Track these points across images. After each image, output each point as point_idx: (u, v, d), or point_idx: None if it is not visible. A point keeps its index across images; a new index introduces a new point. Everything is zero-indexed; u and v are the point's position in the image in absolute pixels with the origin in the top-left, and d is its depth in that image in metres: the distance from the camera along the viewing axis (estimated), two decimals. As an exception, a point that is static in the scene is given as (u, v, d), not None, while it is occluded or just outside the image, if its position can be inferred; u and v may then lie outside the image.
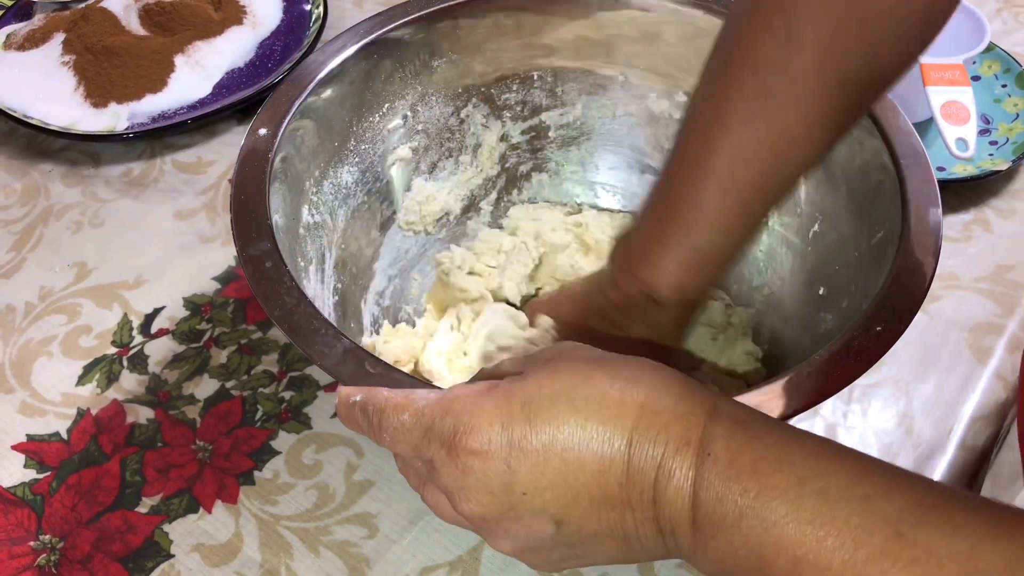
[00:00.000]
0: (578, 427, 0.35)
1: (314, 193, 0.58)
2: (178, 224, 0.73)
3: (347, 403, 0.40)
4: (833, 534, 0.31)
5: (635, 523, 0.35)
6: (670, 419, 0.35)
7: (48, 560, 0.54)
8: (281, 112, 0.55)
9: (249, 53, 0.85)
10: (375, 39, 0.60)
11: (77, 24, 0.83)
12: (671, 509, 0.34)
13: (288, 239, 0.53)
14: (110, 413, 0.61)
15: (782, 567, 0.32)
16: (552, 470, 0.35)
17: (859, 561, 0.30)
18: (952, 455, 0.59)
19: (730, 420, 0.35)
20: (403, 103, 0.63)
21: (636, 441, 0.35)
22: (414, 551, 0.54)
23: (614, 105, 0.67)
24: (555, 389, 0.36)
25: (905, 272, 0.47)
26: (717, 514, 0.33)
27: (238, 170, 0.52)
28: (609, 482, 0.35)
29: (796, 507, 0.32)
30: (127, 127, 0.78)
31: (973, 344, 0.64)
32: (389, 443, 0.39)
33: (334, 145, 0.59)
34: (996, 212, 0.72)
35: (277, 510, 0.56)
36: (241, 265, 0.48)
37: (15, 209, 0.74)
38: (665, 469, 0.34)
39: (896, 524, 0.30)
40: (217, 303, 0.67)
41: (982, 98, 0.78)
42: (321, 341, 0.44)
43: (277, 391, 0.62)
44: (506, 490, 0.36)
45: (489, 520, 0.37)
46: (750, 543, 0.32)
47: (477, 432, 0.36)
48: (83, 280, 0.69)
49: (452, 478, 0.37)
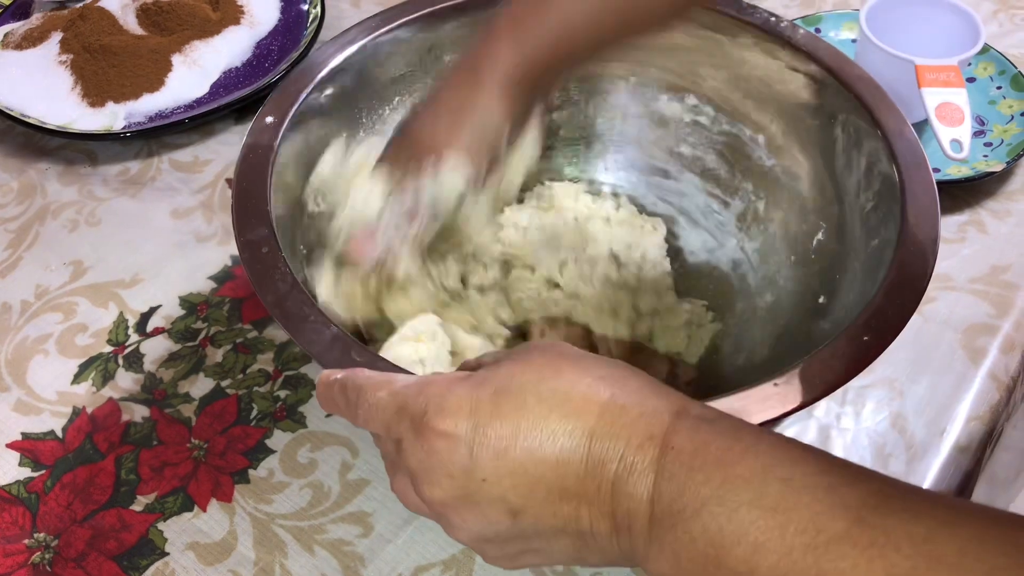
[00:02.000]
0: (541, 418, 0.36)
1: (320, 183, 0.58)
2: (175, 223, 0.73)
3: (327, 383, 0.41)
4: (795, 520, 0.31)
5: (590, 518, 0.36)
6: (635, 417, 0.35)
7: (43, 558, 0.54)
8: (289, 102, 0.55)
9: (246, 53, 0.85)
10: (385, 32, 0.60)
11: (75, 23, 0.83)
12: (629, 504, 0.35)
13: (290, 227, 0.53)
14: (105, 411, 0.61)
15: (740, 556, 0.32)
16: (512, 459, 0.36)
17: (820, 544, 0.30)
18: (945, 456, 0.59)
19: (697, 419, 0.35)
20: (413, 97, 0.63)
21: (598, 435, 0.35)
22: (408, 550, 0.54)
23: (624, 107, 0.67)
24: (524, 379, 0.37)
25: (899, 281, 0.47)
26: (677, 504, 0.33)
27: (242, 157, 0.52)
28: (567, 474, 0.35)
29: (760, 494, 0.32)
30: (124, 126, 0.78)
31: (967, 345, 0.64)
32: (363, 420, 0.40)
33: (342, 136, 0.60)
34: (991, 213, 0.73)
35: (272, 509, 0.56)
36: (238, 249, 0.48)
37: (11, 207, 0.74)
38: (626, 462, 0.35)
39: (858, 511, 0.31)
40: (213, 302, 0.67)
41: (977, 100, 0.78)
42: (310, 328, 0.45)
43: (272, 390, 0.62)
44: (466, 475, 0.36)
45: (447, 505, 0.37)
46: (709, 532, 0.32)
47: (445, 414, 0.36)
48: (79, 279, 0.69)
49: (416, 459, 0.37)
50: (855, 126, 0.56)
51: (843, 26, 0.85)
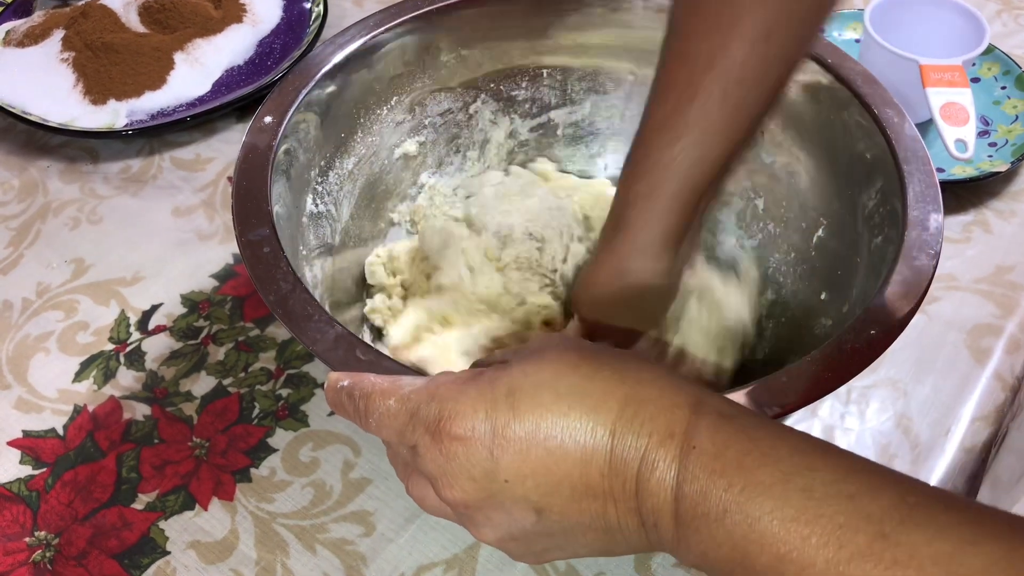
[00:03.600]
0: (561, 416, 0.35)
1: (319, 183, 0.58)
2: (176, 221, 0.73)
3: (335, 388, 0.40)
4: (817, 532, 0.31)
5: (617, 514, 0.35)
6: (655, 411, 0.35)
7: (43, 556, 0.54)
8: (287, 102, 0.55)
9: (249, 51, 0.85)
10: (383, 32, 0.60)
11: (76, 21, 0.83)
12: (654, 501, 0.34)
13: (290, 227, 0.53)
14: (107, 410, 0.60)
15: (766, 563, 0.32)
16: (534, 458, 0.35)
17: (842, 560, 0.30)
18: (950, 457, 0.59)
19: (716, 414, 0.35)
20: (411, 97, 0.63)
21: (619, 432, 0.35)
22: (411, 549, 0.54)
23: (623, 105, 0.67)
24: (540, 378, 0.36)
25: (902, 278, 0.47)
26: (701, 508, 0.33)
27: (242, 157, 0.52)
28: (591, 472, 0.35)
29: (781, 504, 0.32)
30: (126, 124, 0.78)
31: (972, 345, 0.64)
32: (375, 428, 0.39)
33: (340, 136, 0.59)
34: (995, 213, 0.72)
35: (273, 507, 0.56)
36: (239, 249, 0.48)
37: (13, 205, 0.74)
38: (648, 460, 0.34)
39: (880, 524, 0.30)
40: (215, 300, 0.67)
41: (981, 100, 0.78)
42: (314, 327, 0.45)
43: (274, 388, 0.61)
44: (488, 477, 0.36)
45: (471, 507, 0.37)
46: (734, 538, 0.32)
47: (461, 418, 0.36)
48: (80, 277, 0.69)
49: (435, 464, 0.37)
50: (855, 122, 0.56)
51: (847, 26, 0.85)
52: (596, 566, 0.53)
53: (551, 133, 0.68)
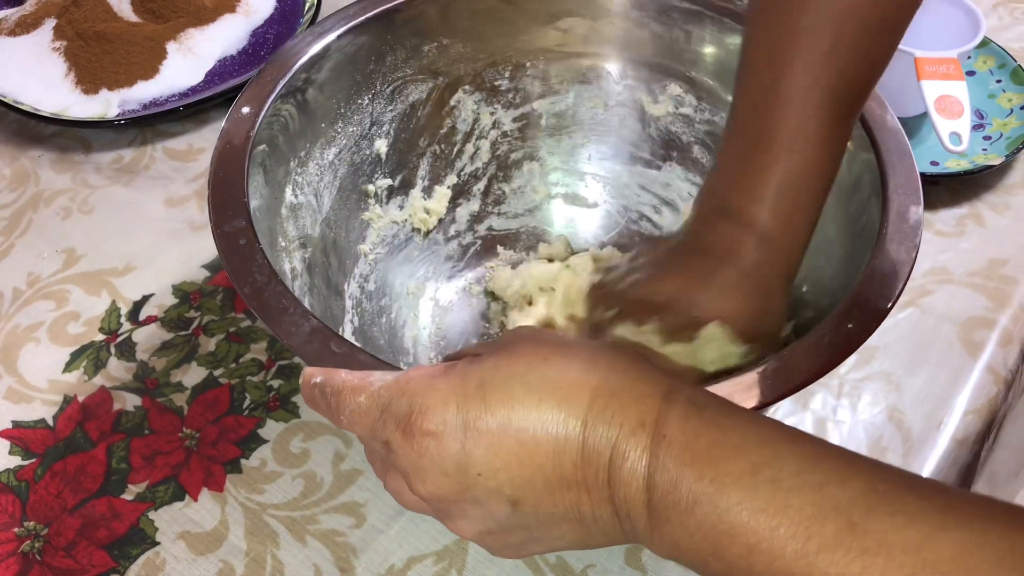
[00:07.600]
0: (533, 408, 0.35)
1: (299, 174, 0.57)
2: (168, 211, 0.72)
3: (309, 384, 0.40)
4: (785, 523, 0.31)
5: (591, 505, 0.35)
6: (626, 400, 0.35)
7: (32, 547, 0.54)
8: (265, 92, 0.54)
9: (242, 41, 0.85)
10: (363, 21, 0.59)
11: (68, 10, 0.83)
12: (626, 491, 0.34)
13: (268, 218, 0.52)
14: (97, 400, 0.60)
15: (737, 554, 0.32)
16: (506, 451, 0.35)
17: (811, 551, 0.30)
18: (943, 449, 0.59)
19: (687, 403, 0.35)
20: (392, 86, 0.63)
21: (591, 422, 0.35)
22: (401, 540, 0.54)
23: (606, 96, 0.67)
24: (512, 371, 0.36)
25: (881, 271, 0.47)
26: (671, 498, 0.33)
27: (218, 148, 0.52)
28: (564, 463, 0.35)
29: (750, 495, 0.32)
30: (118, 114, 0.77)
31: (964, 338, 0.64)
32: (347, 425, 0.39)
33: (320, 127, 0.59)
34: (989, 207, 0.72)
35: (264, 499, 0.56)
36: (215, 241, 0.48)
37: (4, 194, 0.74)
38: (620, 450, 0.34)
39: (848, 513, 0.30)
40: (206, 291, 0.67)
41: (976, 93, 0.78)
42: (288, 320, 0.44)
43: (265, 379, 0.61)
44: (461, 471, 0.36)
45: (446, 501, 0.37)
46: (704, 529, 0.32)
47: (432, 413, 0.36)
48: (72, 266, 0.68)
49: (408, 459, 0.37)
50: None
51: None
52: (587, 558, 0.53)
53: (535, 123, 0.68)
